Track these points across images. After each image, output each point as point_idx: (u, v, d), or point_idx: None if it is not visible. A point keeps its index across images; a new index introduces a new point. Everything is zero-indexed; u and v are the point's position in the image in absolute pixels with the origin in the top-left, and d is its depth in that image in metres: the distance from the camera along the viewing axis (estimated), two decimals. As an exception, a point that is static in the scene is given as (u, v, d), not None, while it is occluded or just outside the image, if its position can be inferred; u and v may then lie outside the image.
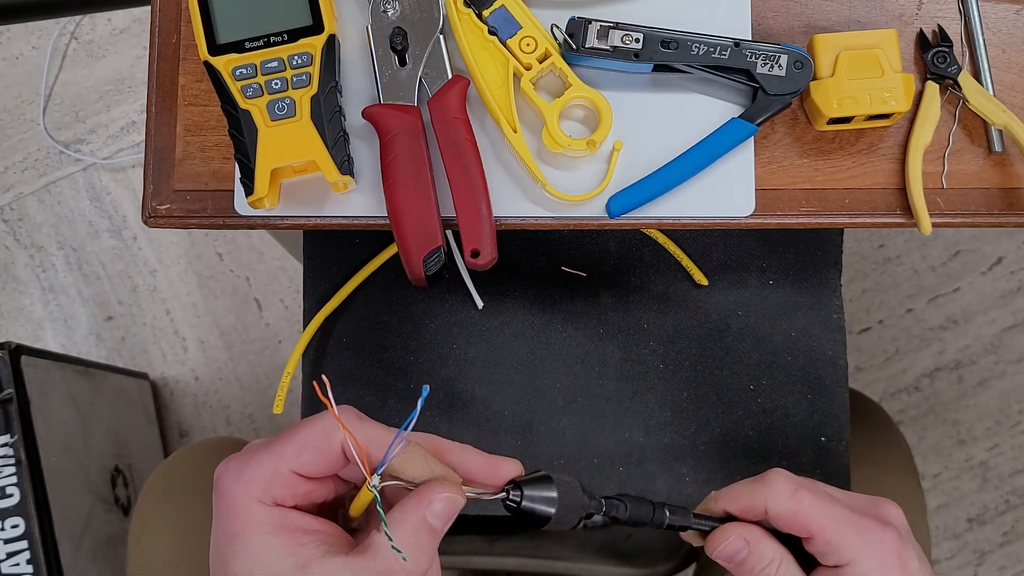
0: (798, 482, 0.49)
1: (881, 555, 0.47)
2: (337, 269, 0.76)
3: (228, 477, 0.42)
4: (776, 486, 0.48)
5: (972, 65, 0.60)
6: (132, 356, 1.46)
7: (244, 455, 0.43)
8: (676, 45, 0.57)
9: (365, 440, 0.42)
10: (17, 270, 1.48)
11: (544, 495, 0.44)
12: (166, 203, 0.60)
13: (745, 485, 0.50)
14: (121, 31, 1.52)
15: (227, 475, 0.42)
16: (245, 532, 0.41)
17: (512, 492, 0.44)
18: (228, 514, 0.41)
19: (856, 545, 0.47)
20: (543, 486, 0.44)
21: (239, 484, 0.42)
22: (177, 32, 0.61)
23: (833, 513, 0.47)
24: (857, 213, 0.59)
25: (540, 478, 0.44)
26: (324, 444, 0.42)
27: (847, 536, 0.47)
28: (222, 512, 0.42)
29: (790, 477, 0.49)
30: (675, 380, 0.75)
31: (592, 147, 0.57)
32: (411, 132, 0.56)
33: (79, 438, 1.15)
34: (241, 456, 0.43)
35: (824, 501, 0.48)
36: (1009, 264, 1.45)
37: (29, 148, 1.50)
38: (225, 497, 0.42)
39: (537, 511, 0.44)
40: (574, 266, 0.76)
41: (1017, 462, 1.43)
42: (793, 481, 0.49)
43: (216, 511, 0.42)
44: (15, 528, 0.98)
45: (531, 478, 0.44)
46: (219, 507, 0.42)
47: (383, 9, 0.58)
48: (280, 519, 0.41)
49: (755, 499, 0.49)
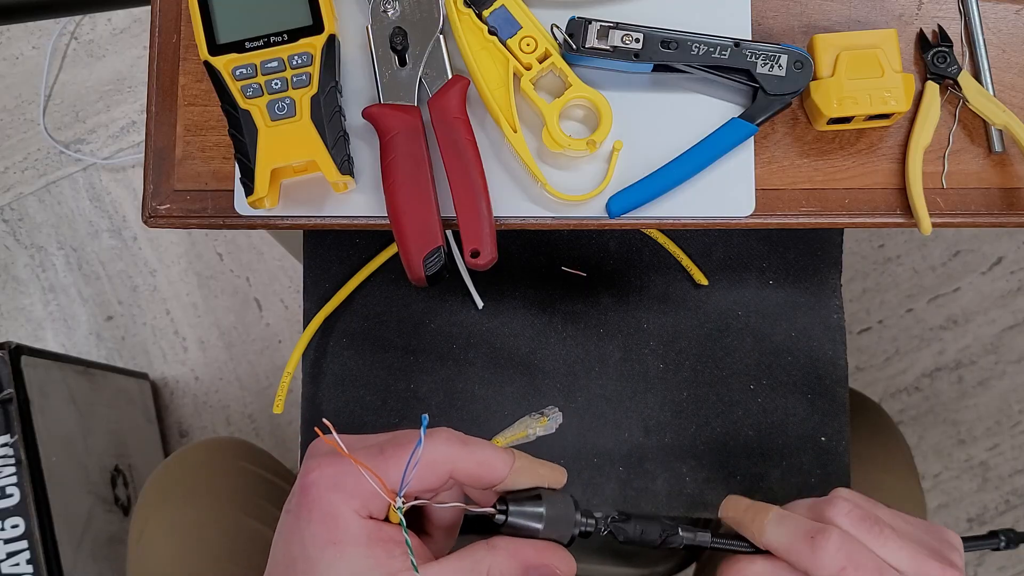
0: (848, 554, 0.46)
1: None
2: (337, 269, 0.76)
3: (324, 484, 0.42)
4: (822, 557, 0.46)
5: (972, 65, 0.60)
6: (132, 356, 1.46)
7: (342, 461, 0.42)
8: (676, 45, 0.57)
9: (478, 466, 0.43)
10: (17, 270, 1.48)
11: (532, 511, 0.44)
12: (166, 203, 0.60)
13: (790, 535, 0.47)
14: (121, 31, 1.52)
15: (323, 482, 0.42)
16: (340, 542, 0.41)
17: (499, 508, 0.44)
18: (323, 521, 0.42)
19: None
20: (532, 503, 0.44)
21: (337, 494, 0.42)
22: (177, 32, 0.61)
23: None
24: (857, 213, 0.59)
25: (531, 496, 0.45)
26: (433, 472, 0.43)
27: None
28: (315, 517, 0.42)
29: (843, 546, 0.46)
30: (675, 380, 0.75)
31: (592, 147, 0.57)
32: (411, 132, 0.56)
33: (79, 438, 1.15)
34: (339, 462, 0.42)
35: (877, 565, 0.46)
36: (1009, 264, 1.45)
37: (29, 148, 1.50)
38: (320, 504, 0.42)
39: (523, 527, 0.44)
40: (574, 266, 0.76)
41: (1017, 462, 1.43)
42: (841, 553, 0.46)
43: (305, 516, 0.42)
44: (15, 528, 0.98)
45: (522, 494, 0.45)
46: (311, 512, 0.42)
47: (383, 9, 0.58)
48: (375, 531, 0.42)
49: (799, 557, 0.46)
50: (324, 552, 0.41)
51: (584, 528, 0.46)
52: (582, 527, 0.46)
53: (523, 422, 0.48)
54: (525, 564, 0.43)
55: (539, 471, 0.45)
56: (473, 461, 0.43)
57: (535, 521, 0.44)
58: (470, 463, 0.43)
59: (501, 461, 0.44)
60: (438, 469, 0.43)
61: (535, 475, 0.45)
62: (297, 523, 0.42)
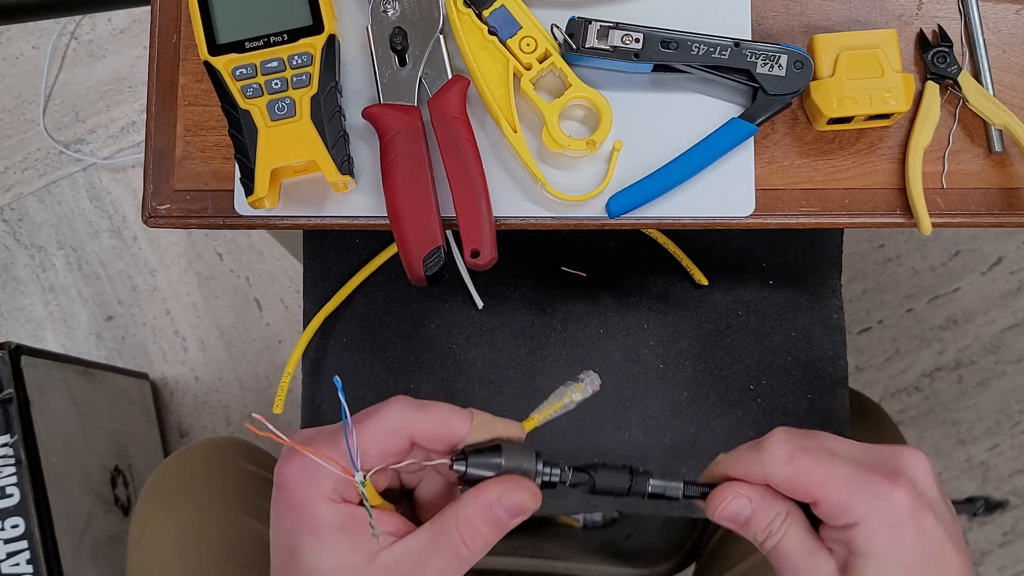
0: (796, 444, 0.45)
1: (890, 513, 0.43)
2: (337, 269, 0.76)
3: (295, 475, 0.43)
4: (772, 452, 0.45)
5: (972, 65, 0.60)
6: (132, 356, 1.46)
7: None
8: (676, 45, 0.57)
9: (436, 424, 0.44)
10: (17, 270, 1.48)
11: (490, 461, 0.44)
12: (166, 203, 0.60)
13: (744, 451, 0.47)
14: (121, 31, 1.52)
15: (294, 473, 0.43)
16: (317, 529, 0.42)
17: (457, 459, 0.44)
18: (299, 511, 0.43)
19: (862, 505, 0.43)
20: (490, 454, 0.45)
21: (307, 483, 0.42)
22: (177, 32, 0.61)
23: (836, 474, 0.44)
24: (857, 213, 0.59)
25: (491, 447, 0.45)
26: (393, 438, 0.43)
27: (852, 496, 0.43)
28: (292, 509, 0.43)
29: (788, 439, 0.46)
30: (675, 380, 0.75)
31: (592, 147, 0.57)
32: (411, 132, 0.56)
33: (79, 438, 1.15)
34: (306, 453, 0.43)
35: (826, 462, 0.44)
36: (1009, 264, 1.45)
37: (29, 148, 1.50)
38: (294, 495, 0.43)
39: (482, 478, 0.44)
40: (574, 266, 0.76)
41: (1017, 462, 1.43)
42: (790, 443, 0.45)
43: (283, 508, 0.43)
44: (15, 528, 0.98)
45: (481, 446, 0.45)
46: (287, 504, 0.43)
47: (383, 9, 0.58)
48: (348, 515, 0.43)
49: (753, 467, 0.46)
50: (304, 542, 0.42)
51: (547, 478, 0.45)
52: (544, 476, 0.45)
53: (559, 392, 0.49)
54: (487, 502, 0.43)
55: (497, 426, 0.46)
56: (431, 421, 0.44)
57: (493, 471, 0.44)
58: (428, 423, 0.44)
59: (459, 419, 0.44)
60: (399, 435, 0.43)
61: (494, 431, 0.45)
62: (278, 516, 0.44)
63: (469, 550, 0.43)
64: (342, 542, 0.42)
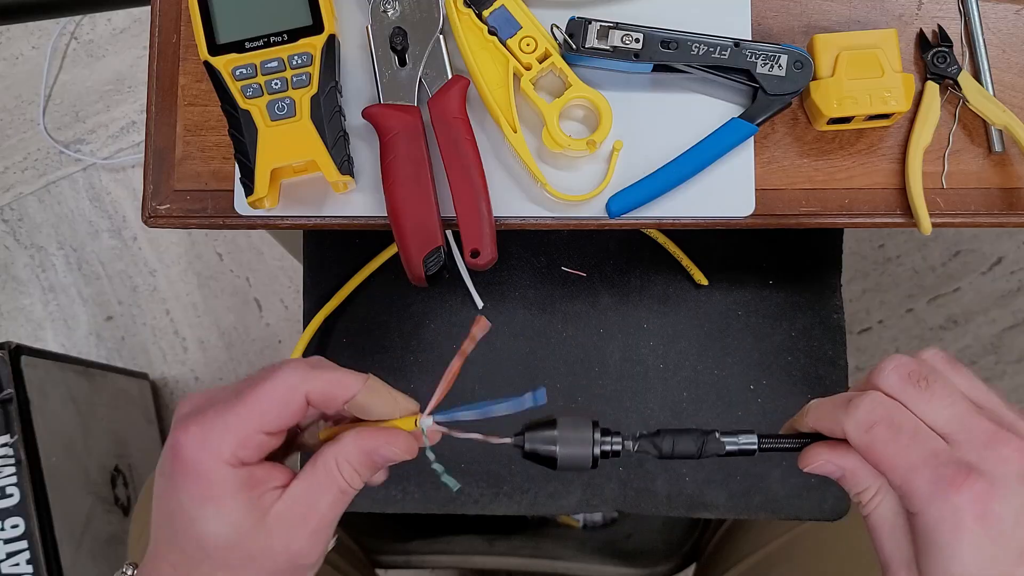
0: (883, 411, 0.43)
1: (955, 510, 0.40)
2: (337, 269, 0.76)
3: (193, 445, 0.44)
4: (854, 415, 0.43)
5: (972, 65, 0.60)
6: (132, 356, 1.46)
7: (206, 418, 0.44)
8: (676, 45, 0.57)
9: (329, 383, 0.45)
10: (17, 270, 1.48)
11: (547, 435, 0.46)
12: (166, 203, 0.60)
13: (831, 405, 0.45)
14: (121, 31, 1.52)
15: (191, 442, 0.44)
16: (216, 496, 0.43)
17: (516, 437, 0.46)
18: (197, 480, 0.43)
19: (925, 496, 0.41)
20: (546, 427, 0.46)
21: (206, 450, 0.43)
22: (177, 32, 0.61)
23: (907, 457, 0.42)
24: (857, 213, 0.59)
25: (547, 421, 0.46)
26: (289, 400, 0.44)
27: (916, 484, 0.41)
28: (189, 476, 0.43)
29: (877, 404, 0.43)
30: (675, 380, 0.75)
31: (592, 147, 0.57)
32: (411, 132, 0.56)
33: (79, 438, 1.15)
34: (203, 420, 0.44)
35: (901, 441, 0.42)
36: (1009, 264, 1.45)
37: (29, 148, 1.50)
38: (192, 464, 0.43)
39: (540, 451, 0.46)
40: (574, 266, 0.76)
41: (1017, 462, 1.42)
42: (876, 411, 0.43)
43: (178, 477, 0.44)
44: (15, 528, 0.98)
45: (539, 422, 0.46)
46: (183, 472, 0.44)
47: (383, 9, 0.58)
48: (247, 477, 0.44)
49: (835, 424, 0.44)
50: (203, 508, 0.43)
51: (608, 447, 0.46)
52: (604, 446, 0.46)
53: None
54: (364, 449, 0.45)
55: (395, 395, 0.47)
56: (323, 380, 0.45)
57: (551, 444, 0.45)
58: (320, 382, 0.45)
59: (351, 377, 0.45)
60: (294, 395, 0.44)
61: (390, 397, 0.47)
62: (172, 484, 0.44)
63: (351, 487, 0.45)
64: (240, 504, 0.43)
